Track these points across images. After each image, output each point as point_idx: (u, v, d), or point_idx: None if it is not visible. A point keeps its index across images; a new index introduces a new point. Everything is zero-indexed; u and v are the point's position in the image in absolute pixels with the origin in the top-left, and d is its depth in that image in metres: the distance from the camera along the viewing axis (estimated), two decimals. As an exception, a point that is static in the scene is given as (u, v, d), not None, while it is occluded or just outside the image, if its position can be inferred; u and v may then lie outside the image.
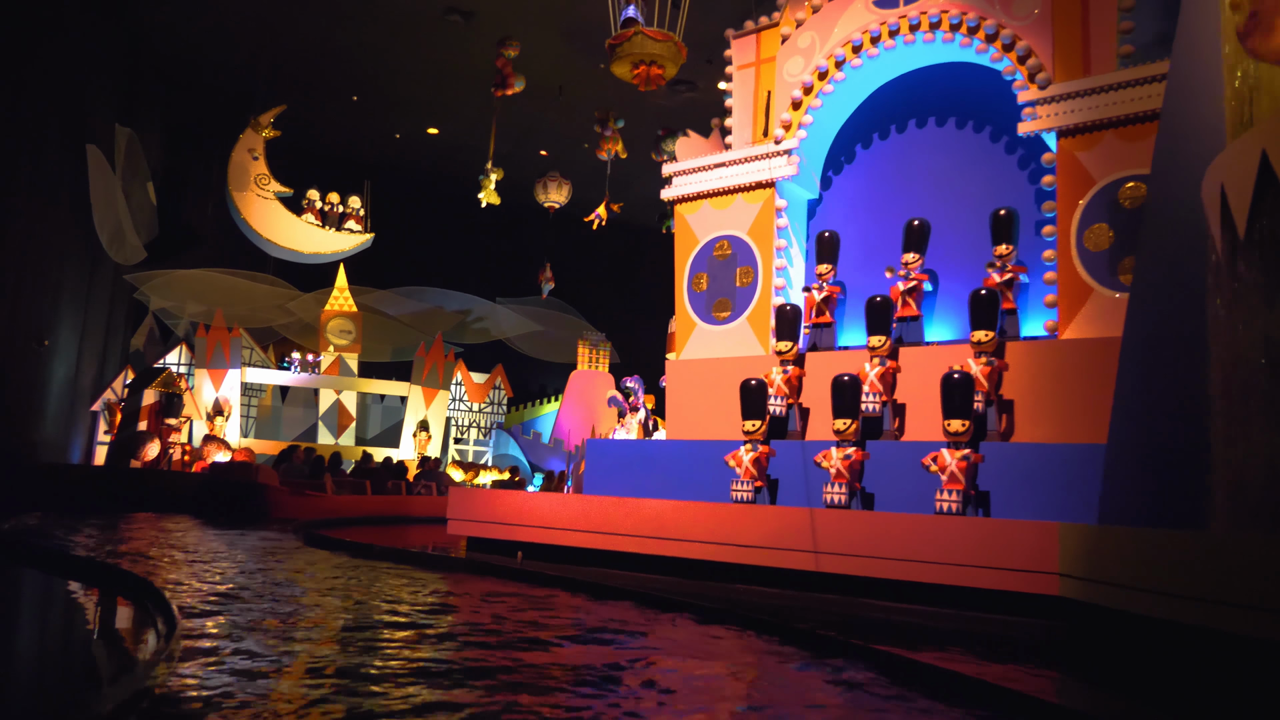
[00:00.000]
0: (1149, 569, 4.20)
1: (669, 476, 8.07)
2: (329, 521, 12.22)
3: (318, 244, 19.47)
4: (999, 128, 8.06)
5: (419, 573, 7.51)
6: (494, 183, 14.91)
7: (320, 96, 20.27)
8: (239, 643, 4.16)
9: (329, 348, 21.40)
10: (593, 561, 7.53)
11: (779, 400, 7.66)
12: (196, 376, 19.65)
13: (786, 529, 6.47)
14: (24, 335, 12.76)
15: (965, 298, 7.81)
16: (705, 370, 8.57)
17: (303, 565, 7.59)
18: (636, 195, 23.23)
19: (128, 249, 16.87)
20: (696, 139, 9.43)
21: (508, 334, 24.91)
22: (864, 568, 6.12)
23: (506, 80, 14.31)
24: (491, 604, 5.92)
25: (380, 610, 5.40)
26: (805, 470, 7.22)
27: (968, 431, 6.29)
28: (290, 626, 4.71)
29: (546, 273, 21.46)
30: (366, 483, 15.15)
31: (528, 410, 25.45)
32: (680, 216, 9.20)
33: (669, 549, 7.04)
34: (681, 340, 8.96)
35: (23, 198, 12.34)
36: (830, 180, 9.03)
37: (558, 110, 20.62)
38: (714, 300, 8.77)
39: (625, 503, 7.34)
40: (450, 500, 8.49)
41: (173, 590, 5.54)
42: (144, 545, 8.29)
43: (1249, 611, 3.24)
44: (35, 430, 13.76)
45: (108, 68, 16.10)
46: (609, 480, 8.53)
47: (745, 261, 8.64)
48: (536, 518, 7.83)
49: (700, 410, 8.51)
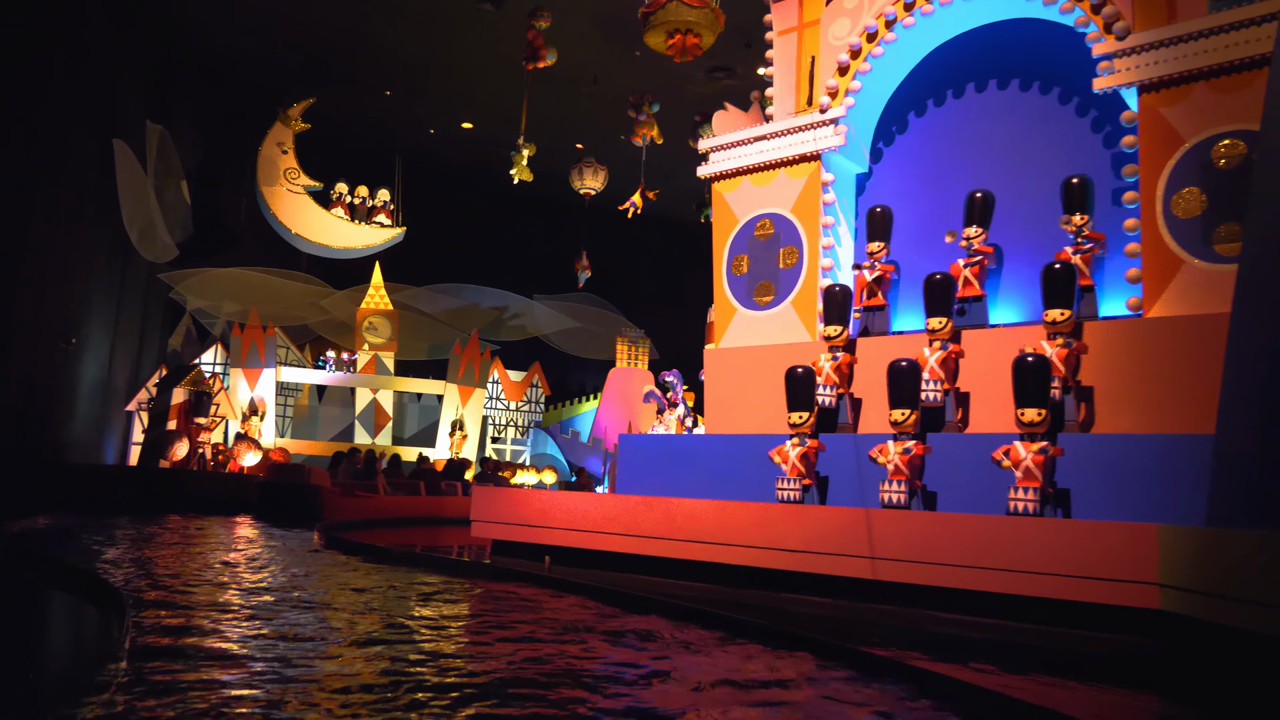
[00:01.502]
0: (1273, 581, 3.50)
1: (708, 474, 7.44)
2: (379, 522, 12.31)
3: (347, 238, 19.13)
4: (1069, 87, 7.30)
5: (429, 577, 6.98)
6: (526, 159, 14.36)
7: (353, 91, 19.94)
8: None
9: (364, 346, 21.11)
10: (625, 567, 6.93)
11: (828, 390, 6.99)
12: (231, 376, 19.45)
13: (839, 532, 5.80)
14: (50, 333, 12.52)
15: (1032, 276, 7.09)
16: (746, 359, 7.92)
17: (308, 570, 7.10)
18: (674, 187, 22.61)
19: (158, 246, 16.64)
20: (735, 112, 8.79)
21: (545, 331, 24.43)
22: (928, 575, 5.43)
23: (538, 53, 13.74)
24: (502, 609, 5.35)
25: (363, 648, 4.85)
26: (858, 466, 6.55)
27: (1044, 421, 5.58)
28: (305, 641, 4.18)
29: (583, 261, 20.89)
30: (420, 484, 14.86)
31: (566, 409, 24.94)
32: (718, 195, 8.56)
33: (708, 554, 6.41)
34: (720, 328, 8.32)
35: (48, 194, 12.08)
36: (881, 152, 8.33)
37: (593, 101, 20.06)
38: (755, 284, 8.12)
39: (660, 503, 6.73)
40: (474, 501, 7.94)
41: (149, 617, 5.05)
42: (125, 554, 7.87)
43: None
44: (65, 430, 13.53)
45: (137, 63, 15.88)
46: (644, 479, 7.92)
47: (789, 241, 7.97)
48: (565, 519, 7.24)
49: (741, 402, 7.86)
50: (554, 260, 24.24)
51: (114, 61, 14.39)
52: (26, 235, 11.30)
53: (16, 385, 11.34)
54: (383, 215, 19.77)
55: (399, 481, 15.19)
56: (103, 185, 14.28)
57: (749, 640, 4.85)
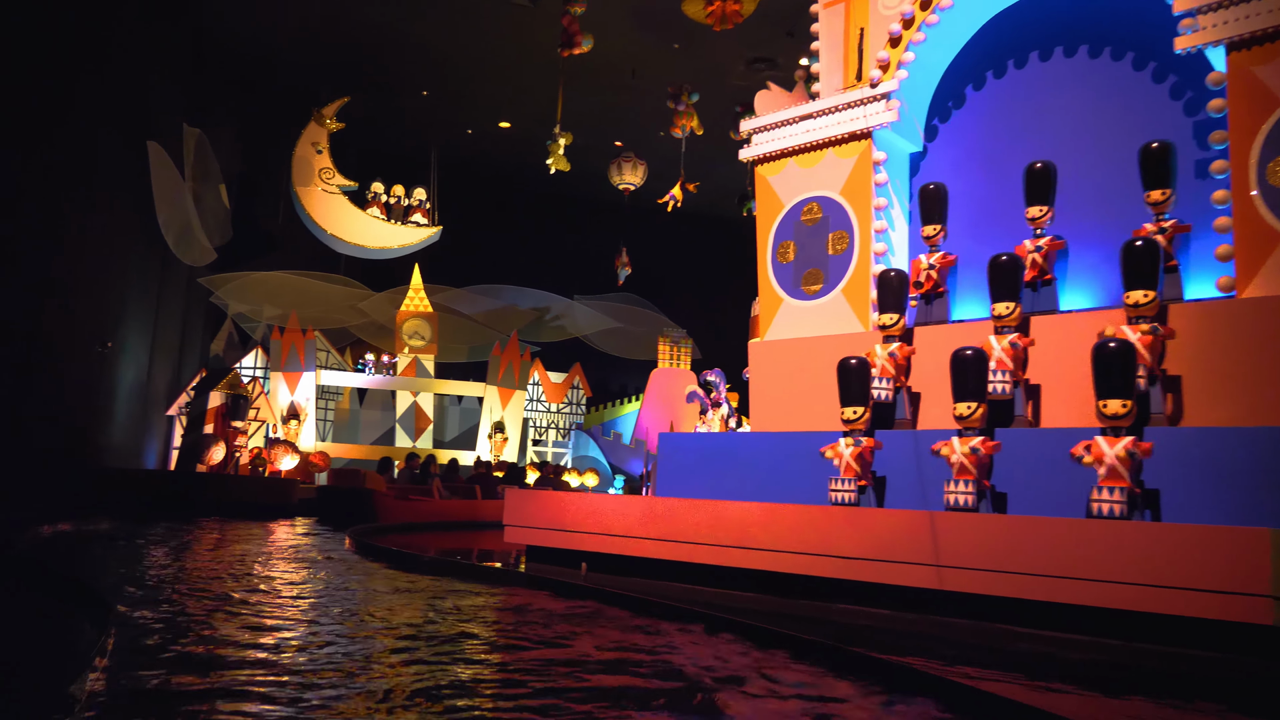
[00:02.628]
0: None
1: (754, 475, 6.96)
2: (432, 525, 12.68)
3: (384, 238, 18.93)
4: (1144, 51, 6.70)
5: (459, 585, 6.59)
6: (563, 148, 13.97)
7: (390, 92, 19.78)
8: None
9: (404, 349, 20.94)
10: (667, 574, 6.48)
11: (884, 383, 6.47)
12: (271, 380, 19.38)
13: (900, 537, 5.29)
14: (85, 337, 12.42)
15: (1105, 257, 6.54)
16: (794, 352, 7.43)
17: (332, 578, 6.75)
18: (714, 183, 22.13)
19: (196, 250, 16.57)
20: (778, 92, 8.30)
21: (585, 331, 24.08)
22: (1001, 585, 4.90)
23: (574, 39, 13.35)
24: (532, 622, 4.92)
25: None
26: (919, 466, 6.02)
27: (1129, 414, 5.01)
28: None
29: (623, 258, 20.49)
30: (477, 488, 14.68)
31: (607, 410, 24.55)
32: (762, 179, 8.08)
33: (755, 560, 5.93)
34: (766, 320, 7.83)
35: (80, 195, 11.98)
36: (936, 130, 7.79)
37: (631, 96, 19.66)
38: (803, 272, 7.62)
39: (703, 505, 6.26)
40: (506, 504, 7.54)
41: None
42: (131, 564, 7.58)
43: None
44: (103, 434, 13.45)
45: (170, 64, 15.83)
46: (686, 480, 7.46)
47: (838, 226, 7.46)
48: (602, 523, 6.81)
49: (789, 398, 7.37)
50: (593, 259, 23.91)
51: (146, 62, 14.30)
52: (59, 236, 11.19)
53: (50, 389, 11.23)
54: (419, 214, 19.54)
55: (456, 486, 15.20)
56: (138, 187, 14.20)
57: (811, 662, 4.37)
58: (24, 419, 10.41)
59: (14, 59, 9.75)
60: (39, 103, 10.52)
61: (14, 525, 7.83)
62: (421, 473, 14.86)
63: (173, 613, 4.99)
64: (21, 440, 10.23)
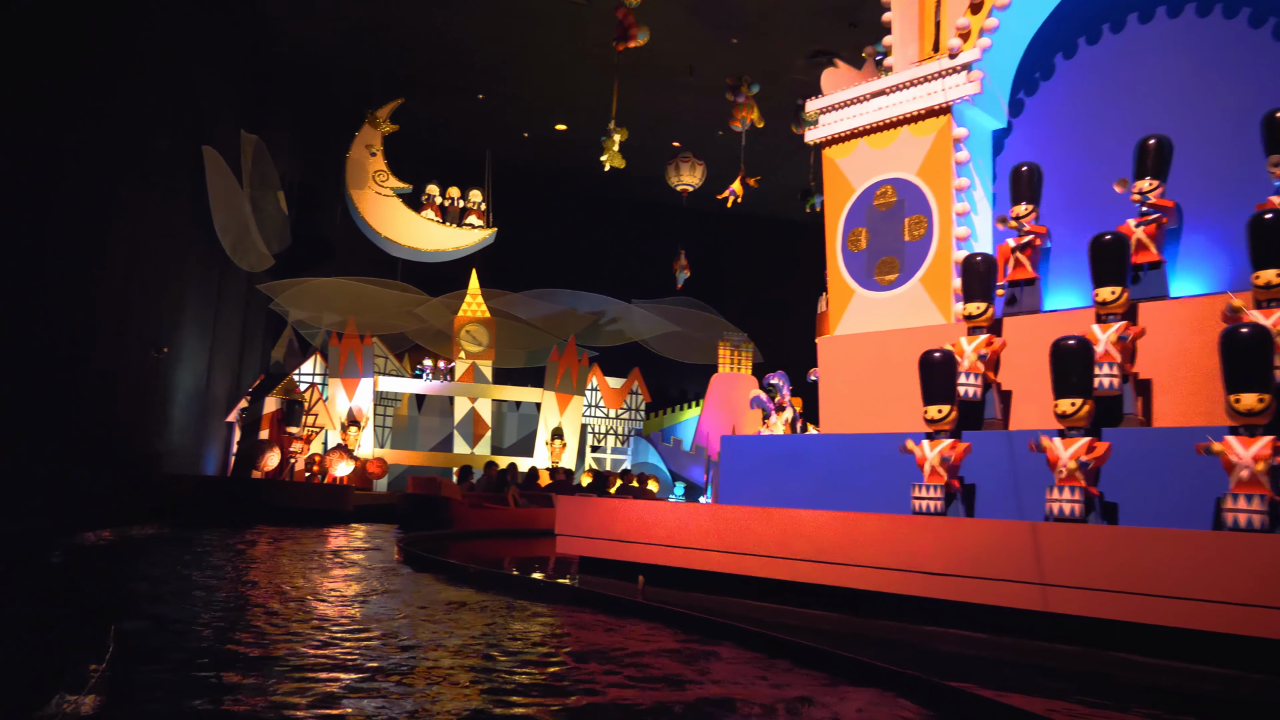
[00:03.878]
0: None
1: (826, 481, 6.39)
2: (507, 532, 12.88)
3: (439, 241, 18.72)
4: (1263, 6, 5.98)
5: (494, 600, 6.15)
6: (617, 144, 13.54)
7: (445, 95, 19.62)
8: None
9: (462, 354, 20.76)
10: (731, 589, 5.94)
11: (972, 378, 5.85)
12: (330, 386, 19.32)
13: (997, 550, 4.68)
14: (139, 342, 12.36)
15: (1218, 238, 5.86)
16: (868, 347, 6.84)
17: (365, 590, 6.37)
18: (774, 184, 21.53)
19: (253, 256, 16.54)
20: (845, 69, 7.73)
21: (644, 335, 23.64)
22: (1116, 607, 4.26)
23: (628, 31, 12.91)
24: (589, 644, 4.43)
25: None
26: (1013, 469, 5.39)
27: (1267, 410, 4.34)
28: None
29: (681, 260, 20.00)
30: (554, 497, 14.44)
31: (667, 416, 24.04)
32: (830, 163, 7.51)
33: (830, 575, 5.36)
34: (836, 313, 7.25)
35: (133, 201, 11.91)
36: (1021, 104, 7.13)
37: (688, 94, 19.18)
38: (876, 260, 7.03)
39: (771, 515, 5.72)
40: (558, 512, 7.09)
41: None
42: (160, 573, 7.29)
43: None
44: (160, 440, 13.39)
45: (227, 69, 15.82)
46: (750, 486, 6.92)
47: (915, 209, 6.86)
48: (661, 533, 6.30)
49: (863, 397, 6.78)
50: (651, 262, 23.49)
51: (200, 65, 14.27)
52: (107, 238, 11.11)
53: (104, 394, 11.15)
54: (474, 216, 19.30)
55: (534, 494, 15.07)
56: (194, 192, 14.17)
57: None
58: (77, 424, 10.32)
59: (63, 57, 9.67)
60: (90, 102, 10.45)
61: (48, 532, 7.64)
62: (499, 480, 14.85)
63: (185, 627, 4.64)
64: (75, 446, 10.14)
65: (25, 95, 8.88)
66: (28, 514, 8.82)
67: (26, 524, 8.26)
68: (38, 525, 8.14)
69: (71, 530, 8.24)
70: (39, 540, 7.15)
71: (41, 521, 8.47)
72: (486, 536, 12.46)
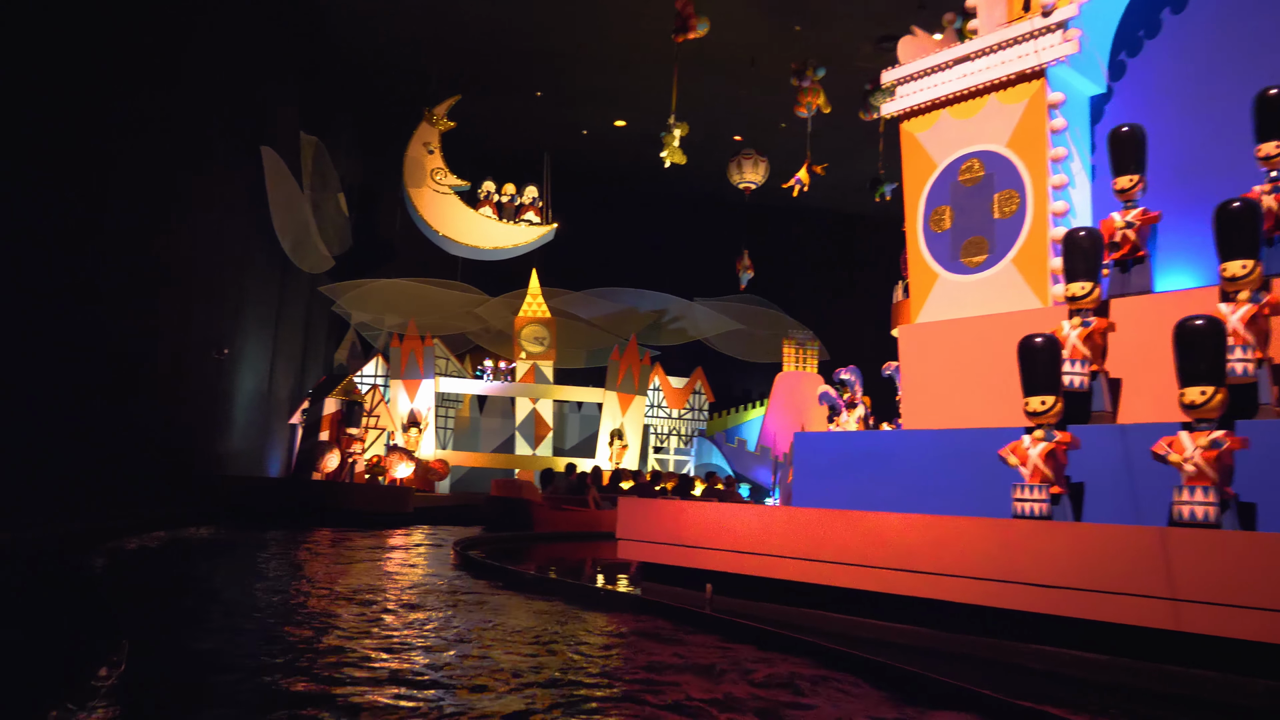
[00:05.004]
0: None
1: (911, 482, 5.83)
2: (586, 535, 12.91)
3: (497, 238, 18.49)
4: None
5: (541, 604, 5.74)
6: (677, 139, 13.10)
7: (504, 94, 19.42)
8: None
9: (522, 355, 20.54)
10: (807, 600, 5.43)
11: (1078, 366, 5.24)
12: (391, 388, 19.26)
13: (1118, 560, 4.09)
14: (199, 343, 12.32)
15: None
16: (955, 335, 6.26)
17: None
18: (841, 177, 20.86)
19: (313, 257, 16.51)
20: (924, 37, 7.16)
21: (706, 334, 23.15)
22: (1266, 628, 3.66)
23: (688, 23, 12.47)
24: (652, 662, 3.98)
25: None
26: (1129, 467, 4.78)
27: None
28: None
29: (744, 260, 19.46)
30: (620, 499, 14.22)
31: (731, 416, 23.50)
32: (909, 137, 6.94)
33: (919, 586, 4.82)
34: (918, 300, 6.68)
35: (192, 203, 11.87)
36: (1123, 66, 6.48)
37: (751, 85, 18.63)
38: (962, 240, 6.44)
39: (851, 518, 5.20)
40: (620, 514, 6.66)
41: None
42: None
43: None
44: (221, 442, 13.37)
45: (286, 71, 15.81)
46: (826, 487, 6.40)
47: (1006, 184, 6.26)
48: (729, 538, 5.82)
49: (950, 389, 6.20)
50: (714, 259, 23.01)
51: (259, 65, 14.24)
52: (166, 239, 11.06)
53: (164, 396, 11.10)
54: (531, 213, 19.03)
55: (615, 496, 14.75)
56: (254, 194, 14.15)
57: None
58: (137, 426, 10.26)
59: (122, 59, 9.61)
60: (148, 105, 10.41)
61: (91, 535, 7.49)
62: (580, 483, 15.06)
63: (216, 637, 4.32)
64: (135, 447, 10.08)
65: (83, 96, 8.83)
66: (85, 516, 8.74)
67: (83, 525, 8.15)
68: (87, 527, 8.02)
69: (122, 532, 8.09)
70: (80, 543, 6.99)
71: (96, 523, 8.35)
72: (565, 539, 12.47)
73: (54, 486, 8.40)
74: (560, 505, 13.80)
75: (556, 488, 15.10)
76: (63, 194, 8.51)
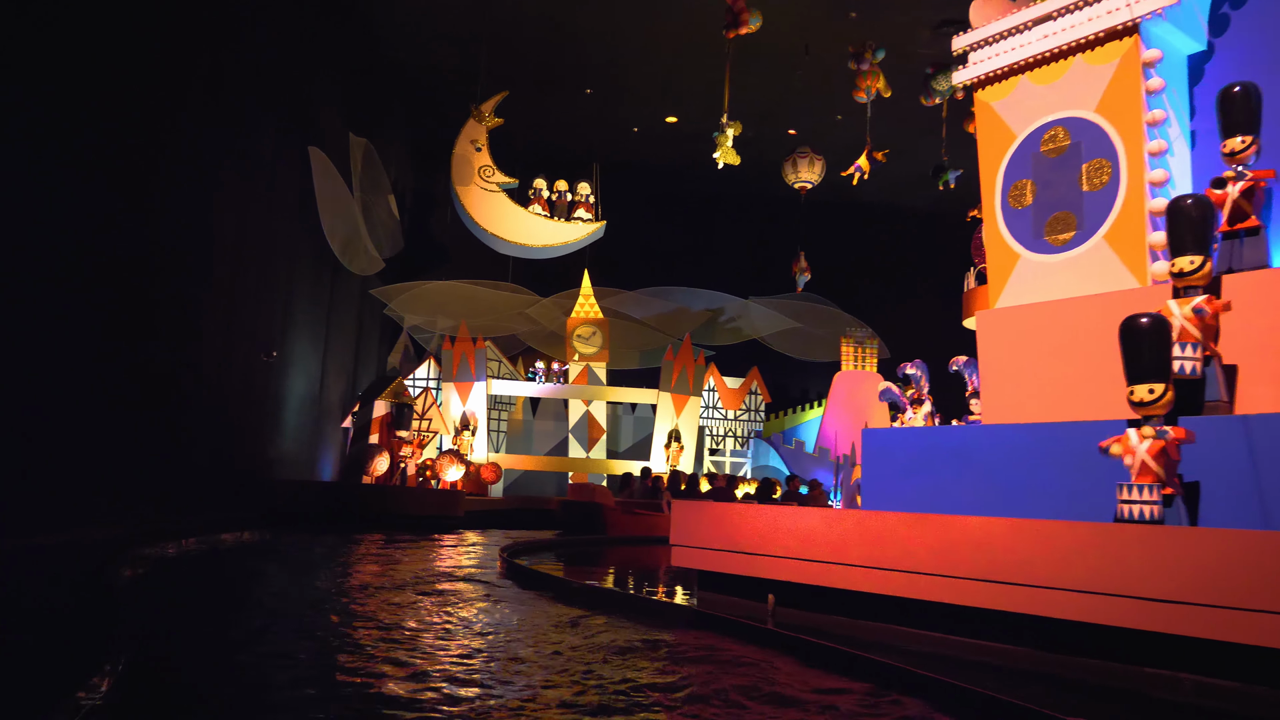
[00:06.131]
0: None
1: (996, 481, 5.28)
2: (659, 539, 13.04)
3: (547, 236, 18.15)
4: None
5: (615, 622, 5.30)
6: (731, 139, 12.62)
7: (553, 92, 19.12)
8: None
9: (575, 356, 20.21)
10: (882, 613, 4.92)
11: (1188, 350, 4.64)
12: (444, 390, 19.07)
13: (1248, 570, 3.52)
14: (246, 345, 12.18)
15: None
16: (1040, 319, 5.69)
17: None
18: (899, 170, 20.13)
19: (363, 259, 16.36)
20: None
21: (762, 333, 22.55)
22: None
23: (739, 17, 11.99)
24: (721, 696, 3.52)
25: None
26: (1253, 463, 4.19)
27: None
28: None
29: (801, 263, 18.89)
30: (673, 501, 13.97)
31: (788, 417, 22.89)
32: (984, 106, 6.38)
33: (1005, 599, 4.28)
34: (997, 283, 6.12)
35: (239, 202, 11.75)
36: (1226, 20, 5.84)
37: (805, 77, 18.02)
38: (1047, 217, 5.86)
39: (929, 522, 4.68)
40: (674, 518, 6.21)
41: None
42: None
43: None
44: (271, 446, 13.24)
45: (335, 71, 15.68)
46: (898, 488, 5.88)
47: (1095, 153, 5.67)
48: (793, 544, 5.33)
49: (1037, 378, 5.63)
50: (768, 257, 22.43)
51: (308, 65, 14.11)
52: (212, 239, 10.93)
53: (211, 399, 10.96)
54: (582, 209, 18.67)
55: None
56: (302, 194, 14.03)
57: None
58: (183, 428, 10.12)
59: (170, 57, 9.48)
60: (195, 104, 10.28)
61: (122, 542, 7.29)
62: (655, 487, 15.01)
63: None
64: (180, 450, 9.94)
65: (130, 95, 8.69)
66: (132, 520, 8.59)
67: (126, 530, 7.98)
68: (130, 533, 7.83)
69: (160, 538, 7.90)
70: (117, 549, 6.79)
71: (139, 528, 8.18)
72: (635, 543, 12.36)
73: (100, 491, 8.26)
74: (633, 509, 13.82)
75: (632, 491, 15.16)
76: (108, 195, 8.38)
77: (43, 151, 7.43)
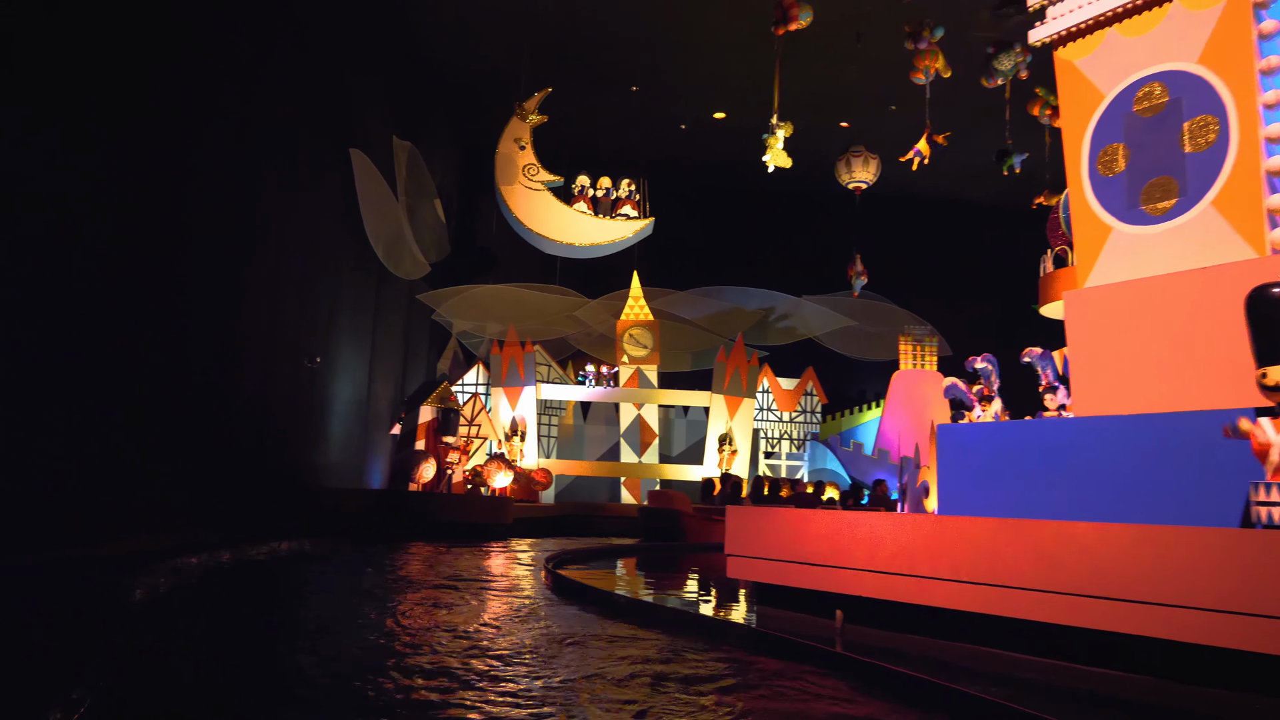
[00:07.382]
0: None
1: (1095, 482, 4.67)
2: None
3: (593, 234, 17.73)
4: None
5: (655, 639, 4.79)
6: (781, 140, 12.06)
7: (598, 90, 18.74)
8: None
9: (625, 359, 19.77)
10: (966, 632, 4.34)
11: (1328, 325, 4.01)
12: (493, 396, 18.78)
13: None
14: (290, 351, 11.95)
15: None
16: (1139, 297, 5.06)
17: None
18: (958, 161, 19.35)
19: (408, 264, 16.12)
20: (1079, -51, 5.96)
21: (816, 332, 21.87)
22: None
23: (789, 13, 11.45)
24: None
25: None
26: None
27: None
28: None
29: (857, 265, 18.19)
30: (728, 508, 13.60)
31: (845, 418, 22.17)
32: (1065, 66, 5.76)
33: (1120, 619, 3.69)
34: (1086, 260, 5.49)
35: (282, 207, 11.53)
36: (1348, -45, 5.15)
37: (858, 65, 17.35)
38: (1143, 183, 5.23)
39: (1024, 529, 4.09)
40: (728, 525, 5.68)
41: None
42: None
43: None
44: (316, 453, 13.00)
45: (378, 73, 15.47)
46: (977, 491, 5.28)
47: (1199, 109, 5.03)
48: (862, 554, 4.78)
49: (1136, 364, 5.00)
50: (822, 255, 21.76)
51: (351, 67, 13.90)
52: (254, 244, 10.71)
53: (255, 406, 10.72)
54: (628, 206, 18.22)
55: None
56: (346, 199, 13.81)
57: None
58: (226, 435, 9.89)
59: (211, 60, 9.27)
60: (235, 107, 10.07)
61: (152, 554, 7.00)
62: (735, 494, 14.84)
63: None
64: (223, 458, 9.70)
65: (171, 99, 8.48)
66: (180, 530, 8.36)
67: (169, 540, 7.73)
68: (172, 542, 7.57)
69: (205, 547, 7.61)
70: (155, 559, 6.49)
71: (179, 538, 7.92)
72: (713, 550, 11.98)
73: (142, 499, 8.05)
74: (710, 516, 13.66)
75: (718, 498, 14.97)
76: (148, 200, 8.17)
77: (85, 158, 7.23)
